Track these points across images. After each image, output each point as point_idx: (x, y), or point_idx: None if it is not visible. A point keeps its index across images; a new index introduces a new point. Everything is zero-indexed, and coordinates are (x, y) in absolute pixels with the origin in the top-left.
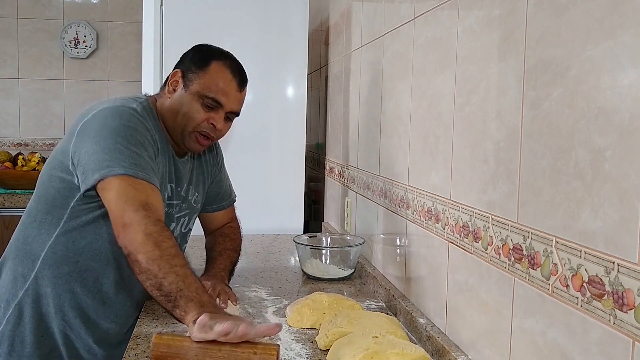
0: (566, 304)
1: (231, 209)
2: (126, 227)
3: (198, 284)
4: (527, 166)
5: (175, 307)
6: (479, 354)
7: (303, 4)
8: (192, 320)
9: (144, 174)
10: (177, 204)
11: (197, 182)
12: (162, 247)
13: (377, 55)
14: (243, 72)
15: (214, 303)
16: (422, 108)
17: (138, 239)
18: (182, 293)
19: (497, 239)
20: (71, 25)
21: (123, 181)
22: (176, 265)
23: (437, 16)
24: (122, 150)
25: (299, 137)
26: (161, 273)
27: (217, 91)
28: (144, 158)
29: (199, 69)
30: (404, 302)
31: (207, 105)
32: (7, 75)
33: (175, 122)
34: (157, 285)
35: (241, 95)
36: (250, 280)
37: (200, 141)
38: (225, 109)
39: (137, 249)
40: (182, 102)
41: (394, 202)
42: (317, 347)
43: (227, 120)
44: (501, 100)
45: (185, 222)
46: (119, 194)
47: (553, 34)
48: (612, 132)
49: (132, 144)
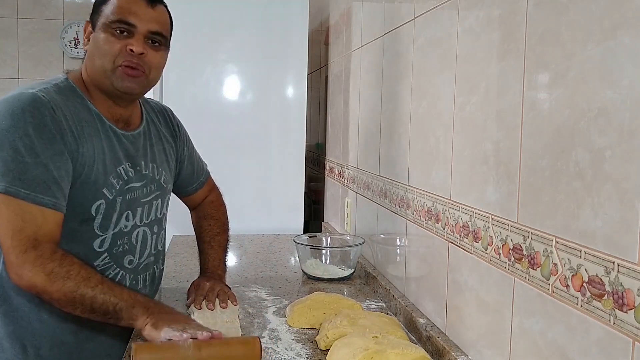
0: (566, 304)
1: (209, 181)
2: (20, 268)
3: (125, 288)
4: (527, 166)
5: (120, 319)
6: (479, 354)
7: (303, 4)
8: (146, 324)
9: (28, 192)
10: (141, 185)
11: (161, 161)
12: (72, 277)
13: (377, 55)
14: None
15: (152, 300)
16: (422, 108)
17: (41, 281)
18: (120, 306)
19: (497, 239)
20: (71, 25)
21: (5, 205)
22: (97, 285)
23: (437, 16)
24: (8, 161)
25: (299, 137)
26: (87, 300)
27: (123, 12)
28: (34, 170)
29: (102, 4)
30: (404, 302)
31: (118, 31)
32: (7, 75)
33: (97, 68)
34: (89, 310)
35: (156, 12)
36: (250, 280)
37: (127, 73)
38: (139, 29)
39: (45, 289)
40: (95, 42)
41: (394, 202)
42: (317, 347)
43: (152, 46)
44: (501, 100)
45: (159, 206)
46: (4, 225)
47: (553, 34)
48: (612, 132)
49: (20, 152)
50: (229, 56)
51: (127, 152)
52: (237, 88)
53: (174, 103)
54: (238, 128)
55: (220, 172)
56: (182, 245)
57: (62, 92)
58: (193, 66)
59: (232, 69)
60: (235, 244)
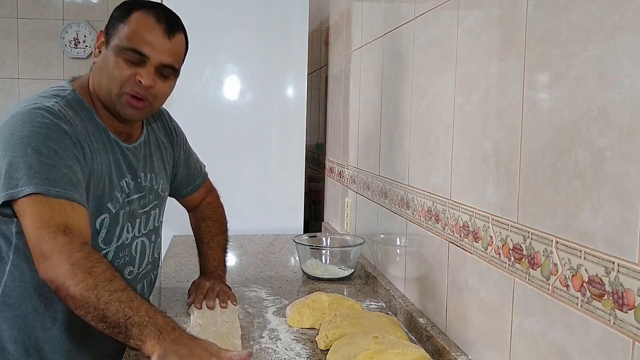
0: (566, 304)
1: (206, 183)
2: (47, 259)
3: (147, 305)
4: (527, 166)
5: (129, 337)
6: (479, 354)
7: (303, 4)
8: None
9: (58, 189)
10: (139, 197)
11: (159, 169)
12: (94, 274)
13: (377, 55)
14: (173, 18)
15: (172, 324)
16: (422, 108)
17: (64, 270)
18: (132, 320)
19: (497, 239)
20: (71, 25)
21: (35, 203)
22: (116, 291)
23: (437, 16)
24: (31, 163)
25: (299, 137)
26: (101, 303)
27: (138, 41)
28: (58, 169)
29: (120, 22)
30: (404, 302)
31: (130, 60)
32: (7, 75)
33: (103, 87)
34: (100, 318)
35: (171, 44)
36: (250, 280)
37: (131, 103)
38: (152, 61)
39: (65, 282)
40: (105, 61)
41: (394, 202)
42: (317, 347)
43: (161, 77)
44: (501, 100)
45: (157, 215)
46: (33, 219)
47: (553, 34)
48: (612, 132)
49: (43, 154)
50: (229, 56)
51: (130, 165)
52: (237, 88)
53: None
54: (238, 128)
55: (220, 172)
56: (182, 245)
57: (72, 106)
58: (193, 66)
59: (232, 69)
60: (235, 244)
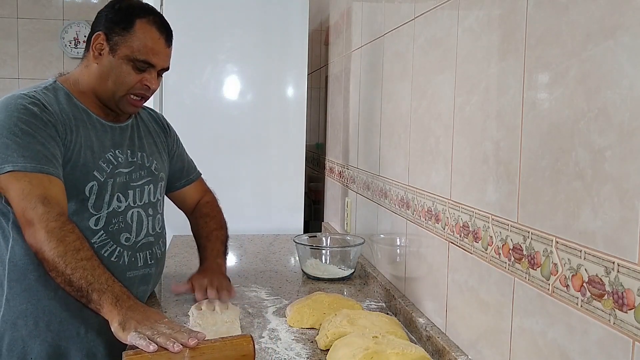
0: (566, 304)
1: (200, 181)
2: (29, 226)
3: (107, 274)
4: (527, 166)
5: (89, 301)
6: (479, 354)
7: (303, 4)
8: (113, 320)
9: (34, 164)
10: (129, 171)
11: (152, 151)
12: (65, 242)
13: (377, 55)
14: (167, 25)
15: (127, 293)
16: (422, 108)
17: (41, 237)
18: (93, 287)
19: (497, 239)
20: (71, 25)
21: (15, 178)
22: (82, 259)
23: (437, 16)
24: (9, 144)
25: (299, 137)
26: (69, 269)
27: (148, 52)
28: (32, 147)
29: (124, 30)
30: (404, 302)
31: (138, 67)
32: (7, 75)
33: (106, 88)
34: (67, 282)
35: (169, 50)
36: (250, 280)
37: (134, 102)
38: (157, 68)
39: (41, 247)
40: (111, 67)
41: (394, 202)
42: (317, 347)
43: (158, 77)
44: (501, 100)
45: (152, 191)
46: (15, 192)
47: (553, 34)
48: (612, 132)
49: (16, 134)
50: (229, 56)
51: (114, 141)
52: (237, 88)
53: (174, 103)
54: (238, 128)
55: (220, 172)
56: (182, 245)
57: (49, 92)
58: (193, 66)
59: (232, 69)
60: (235, 244)
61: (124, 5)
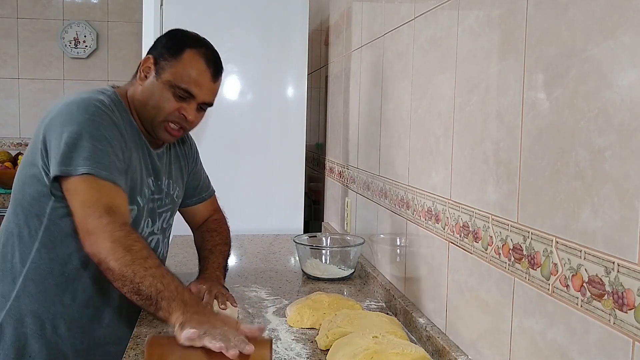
0: (566, 304)
1: (212, 200)
2: (91, 235)
3: (177, 282)
4: (527, 166)
5: (158, 309)
6: (479, 354)
7: (303, 4)
8: (177, 322)
9: (107, 173)
10: (159, 198)
11: (177, 177)
12: (132, 251)
13: (377, 55)
14: (218, 61)
15: (197, 300)
16: (422, 108)
17: (106, 247)
18: (162, 295)
19: (497, 239)
20: (71, 25)
21: (85, 183)
22: (151, 267)
23: (437, 16)
24: (86, 146)
25: (299, 137)
26: (137, 278)
27: (190, 81)
28: (108, 156)
29: (172, 57)
30: (404, 302)
31: (179, 95)
32: (7, 75)
33: (146, 112)
34: (135, 290)
35: (215, 85)
36: (250, 280)
37: (171, 131)
38: (197, 100)
39: (107, 257)
40: (152, 90)
41: (394, 202)
42: (317, 347)
43: (199, 110)
44: (501, 100)
45: (167, 218)
46: (81, 198)
47: (553, 34)
48: (612, 132)
49: (97, 139)
50: (229, 56)
51: (155, 167)
52: (237, 88)
53: None
54: (238, 128)
55: (220, 172)
56: (182, 245)
57: (114, 102)
58: None
59: (232, 69)
60: (235, 244)
61: (180, 33)
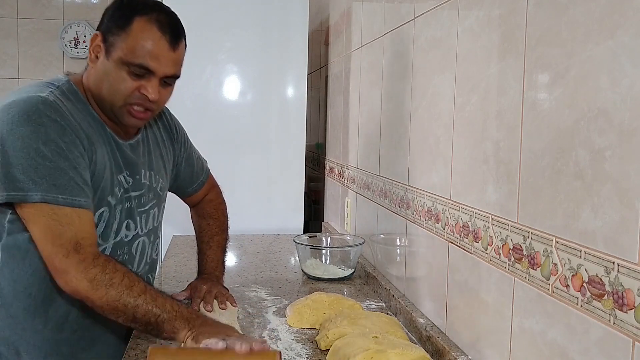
0: (566, 304)
1: (209, 179)
2: (63, 274)
3: (169, 300)
4: (527, 166)
5: (161, 332)
6: (479, 354)
7: (303, 4)
8: (187, 338)
9: (65, 196)
10: (138, 195)
11: (159, 168)
12: (114, 285)
13: (377, 55)
14: (176, 25)
15: (195, 312)
16: (422, 108)
17: (84, 287)
18: (161, 318)
19: (497, 239)
20: (71, 25)
21: (44, 212)
22: (140, 295)
23: (437, 16)
24: (37, 167)
25: (299, 137)
26: (129, 309)
27: (144, 55)
28: (64, 172)
29: (120, 30)
30: (404, 302)
31: (135, 73)
32: (7, 75)
33: (103, 97)
34: (130, 319)
35: (176, 54)
36: (250, 280)
37: (136, 115)
38: (157, 74)
39: (89, 296)
40: (105, 72)
41: (394, 202)
42: (317, 347)
43: (164, 85)
44: (501, 100)
45: (156, 214)
46: (42, 232)
47: (553, 34)
48: (612, 132)
49: (48, 157)
50: (229, 56)
51: (127, 161)
52: (237, 88)
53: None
54: (238, 128)
55: (220, 172)
56: (182, 245)
57: (67, 96)
58: (193, 66)
59: (232, 69)
60: (235, 244)
61: (127, 1)
